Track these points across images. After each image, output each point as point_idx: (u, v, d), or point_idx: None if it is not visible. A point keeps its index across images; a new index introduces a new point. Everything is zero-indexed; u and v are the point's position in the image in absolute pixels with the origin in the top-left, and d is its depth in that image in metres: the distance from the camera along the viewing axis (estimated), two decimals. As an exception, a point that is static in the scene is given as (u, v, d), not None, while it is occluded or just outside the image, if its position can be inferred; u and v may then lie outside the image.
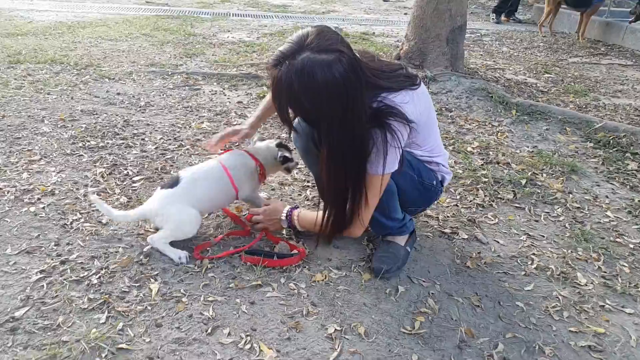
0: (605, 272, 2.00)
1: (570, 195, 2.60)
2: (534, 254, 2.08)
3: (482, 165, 2.84)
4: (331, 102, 1.47)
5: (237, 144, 2.53)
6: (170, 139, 3.01)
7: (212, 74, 4.39)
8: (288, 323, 1.61)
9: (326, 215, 1.76)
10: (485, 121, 3.56)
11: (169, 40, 5.94)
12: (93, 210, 2.17)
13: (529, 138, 3.35)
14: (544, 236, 2.23)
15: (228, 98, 3.88)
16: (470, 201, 2.46)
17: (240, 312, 1.65)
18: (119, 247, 1.94)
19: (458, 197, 2.50)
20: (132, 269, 1.81)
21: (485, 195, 2.51)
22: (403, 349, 1.55)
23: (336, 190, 1.70)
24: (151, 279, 1.77)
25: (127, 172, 2.53)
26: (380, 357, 1.51)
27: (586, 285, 1.91)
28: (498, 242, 2.16)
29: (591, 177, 2.84)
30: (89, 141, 2.86)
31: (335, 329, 1.60)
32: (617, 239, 2.23)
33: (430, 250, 2.07)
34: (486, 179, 2.66)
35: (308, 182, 2.58)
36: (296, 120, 1.83)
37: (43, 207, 2.16)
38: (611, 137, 3.34)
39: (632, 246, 2.18)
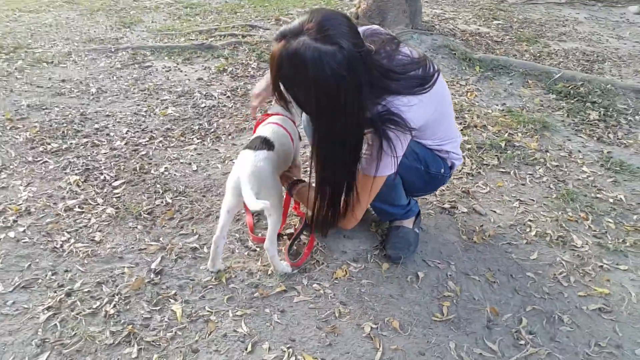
0: (595, 230, 2.13)
1: (548, 154, 2.71)
2: (530, 220, 2.18)
3: (461, 130, 2.89)
4: (318, 95, 1.40)
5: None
6: (138, 131, 2.81)
7: (160, 47, 4.09)
8: (324, 328, 1.61)
9: (317, 205, 1.69)
10: (453, 80, 3.59)
11: (97, 8, 5.45)
12: (81, 227, 2.01)
13: (496, 95, 3.43)
14: (533, 200, 2.33)
15: (186, 75, 3.65)
16: (460, 171, 2.51)
17: (273, 323, 1.62)
18: (124, 267, 1.83)
19: (448, 167, 2.54)
20: (146, 291, 1.72)
21: (472, 163, 2.57)
22: (439, 337, 1.61)
23: (326, 180, 1.62)
24: (170, 300, 1.69)
25: (104, 177, 2.36)
26: (420, 349, 1.56)
27: (582, 247, 2.03)
28: (495, 212, 2.23)
29: (561, 132, 2.97)
30: (49, 144, 2.62)
31: (371, 327, 1.62)
32: (598, 195, 2.38)
33: (436, 229, 2.11)
34: (469, 146, 2.71)
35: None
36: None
37: (24, 230, 1.98)
38: (570, 87, 3.49)
39: (611, 200, 2.33)
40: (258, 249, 1.94)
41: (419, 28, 4.12)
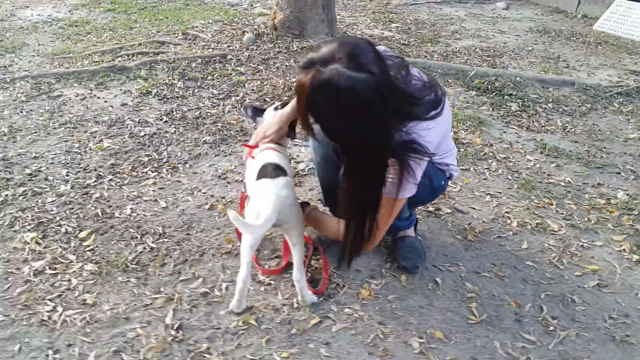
0: (562, 213, 2.36)
1: (493, 147, 2.94)
2: (506, 212, 2.35)
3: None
4: (350, 123, 1.40)
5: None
6: (79, 171, 2.49)
7: (66, 73, 3.64)
8: (376, 353, 1.58)
9: (348, 233, 1.65)
10: (387, 86, 3.71)
11: (-38, 32, 4.69)
12: (64, 291, 1.73)
13: (428, 96, 3.62)
14: (500, 192, 2.51)
15: (106, 102, 3.30)
16: (429, 173, 2.61)
17: (324, 358, 1.55)
18: (135, 328, 1.61)
19: (417, 171, 2.63)
20: (174, 351, 1.54)
21: (437, 164, 2.69)
22: (482, 339, 1.66)
23: (357, 206, 1.61)
24: (205, 355, 1.53)
25: (65, 229, 2.05)
26: (472, 355, 1.60)
27: (560, 230, 2.24)
28: (474, 209, 2.37)
29: (495, 125, 3.24)
30: (-24, 198, 2.21)
31: (419, 342, 1.62)
32: (550, 180, 2.63)
33: (431, 233, 2.18)
34: (429, 148, 2.83)
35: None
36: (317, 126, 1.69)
37: (-8, 308, 1.65)
38: (486, 83, 3.81)
39: (563, 184, 2.60)
40: (272, 282, 1.84)
41: (337, 36, 4.20)
